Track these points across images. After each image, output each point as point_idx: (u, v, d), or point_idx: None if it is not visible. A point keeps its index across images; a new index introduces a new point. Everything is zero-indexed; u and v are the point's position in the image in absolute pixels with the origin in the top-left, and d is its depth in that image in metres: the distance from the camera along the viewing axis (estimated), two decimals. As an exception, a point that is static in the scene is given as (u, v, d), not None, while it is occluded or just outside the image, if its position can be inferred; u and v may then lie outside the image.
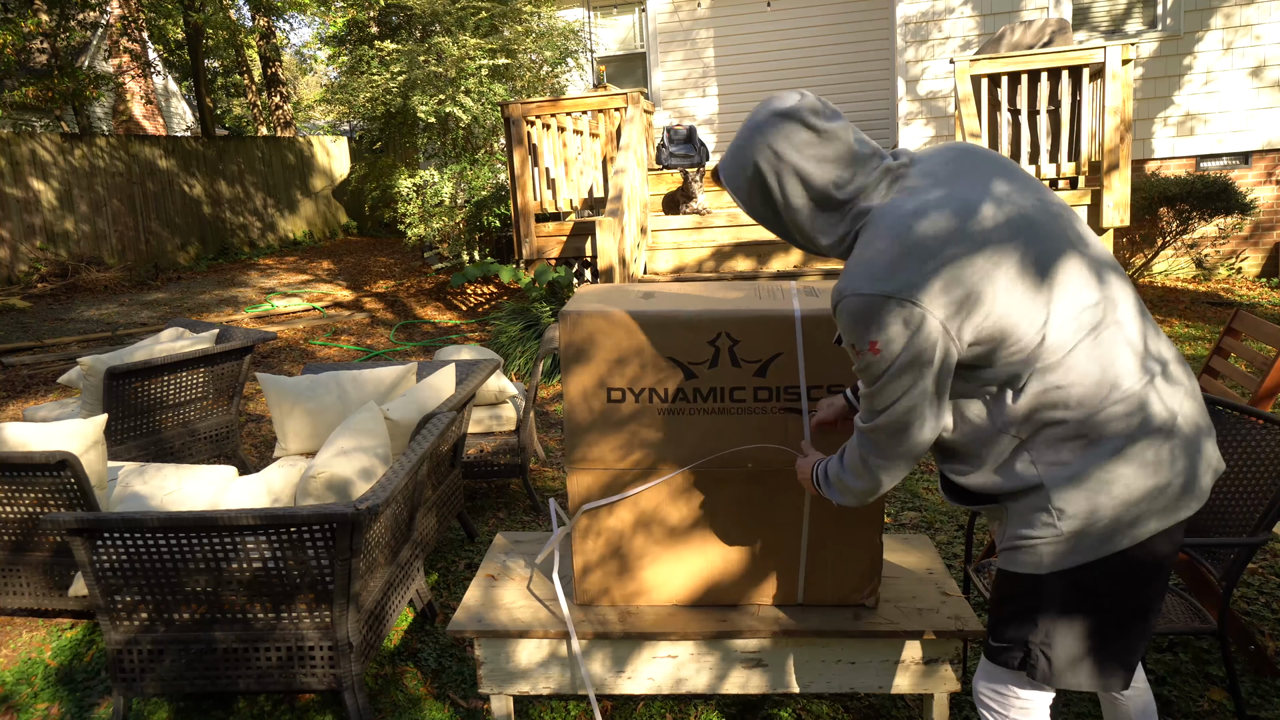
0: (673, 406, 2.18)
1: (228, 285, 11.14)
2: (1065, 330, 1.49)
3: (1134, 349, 1.52)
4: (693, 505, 2.23)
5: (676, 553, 2.27)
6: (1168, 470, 1.51)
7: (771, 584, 2.28)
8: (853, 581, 2.26)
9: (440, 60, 8.74)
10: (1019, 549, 1.60)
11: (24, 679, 2.94)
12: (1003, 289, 1.47)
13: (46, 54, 16.69)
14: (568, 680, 2.29)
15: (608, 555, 2.29)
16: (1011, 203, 1.52)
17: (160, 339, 4.70)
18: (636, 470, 2.22)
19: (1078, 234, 1.56)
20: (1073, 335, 1.49)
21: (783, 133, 1.59)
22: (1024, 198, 1.55)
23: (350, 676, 2.45)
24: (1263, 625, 2.85)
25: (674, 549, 2.27)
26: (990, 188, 1.55)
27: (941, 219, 1.49)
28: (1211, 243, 8.45)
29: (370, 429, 3.06)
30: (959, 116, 6.31)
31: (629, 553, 2.28)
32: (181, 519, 2.31)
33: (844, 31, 9.86)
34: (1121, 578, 1.56)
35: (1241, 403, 2.55)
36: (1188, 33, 8.07)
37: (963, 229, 1.48)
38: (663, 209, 8.14)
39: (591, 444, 2.22)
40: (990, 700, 1.75)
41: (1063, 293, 1.49)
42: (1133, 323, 1.54)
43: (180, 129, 23.06)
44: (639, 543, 2.27)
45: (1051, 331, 1.48)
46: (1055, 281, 1.49)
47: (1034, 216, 1.52)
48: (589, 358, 2.18)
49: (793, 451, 2.13)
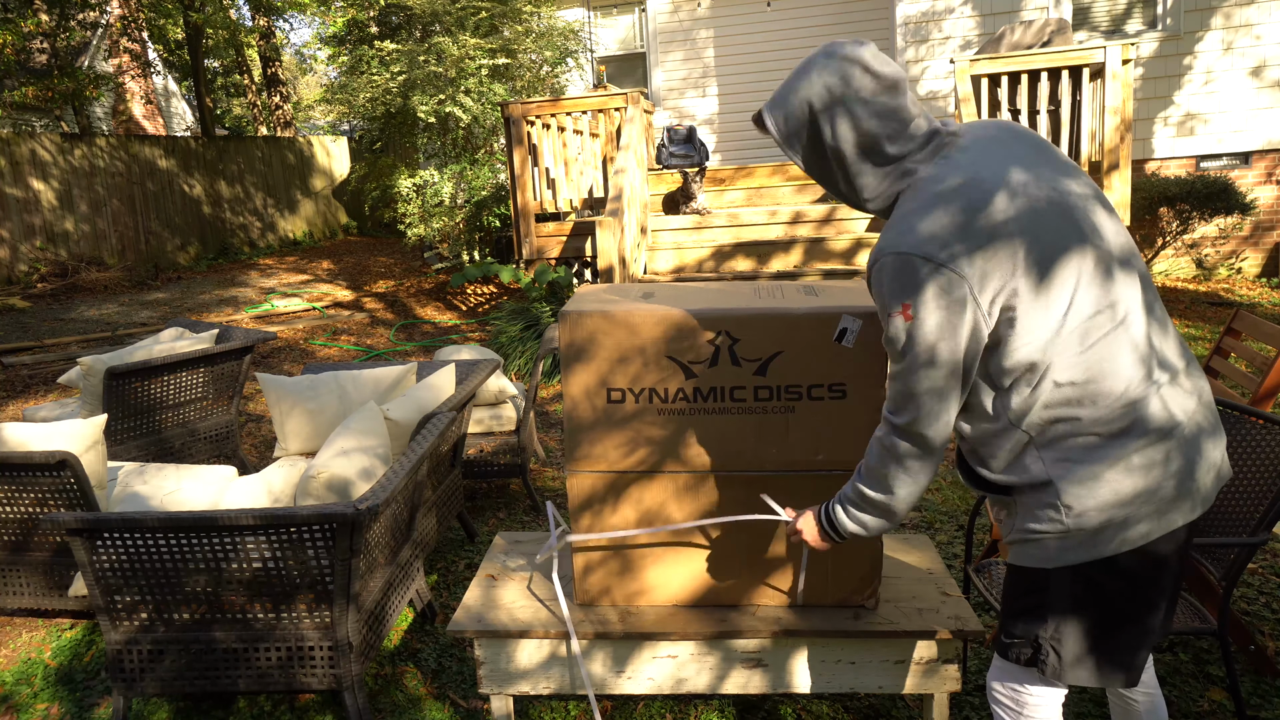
0: (673, 406, 2.19)
1: (228, 285, 11.13)
2: (1068, 330, 1.49)
3: (1137, 351, 1.52)
4: (695, 506, 2.23)
5: (678, 553, 2.27)
6: (1159, 473, 1.51)
7: (772, 585, 2.28)
8: (853, 584, 2.26)
9: (440, 60, 8.74)
10: (1027, 542, 1.61)
11: (24, 679, 2.94)
12: (1022, 281, 1.48)
13: (46, 54, 16.70)
14: (568, 680, 2.29)
15: (609, 555, 2.29)
16: (1027, 194, 1.52)
17: (160, 339, 4.70)
18: (638, 470, 2.23)
19: (1093, 226, 1.55)
20: (1075, 336, 1.49)
21: (843, 74, 1.56)
22: (1040, 189, 1.53)
23: (350, 676, 2.45)
24: (1263, 625, 2.85)
25: (675, 549, 2.27)
26: (1019, 173, 1.53)
27: (983, 195, 1.49)
28: (1211, 243, 8.45)
29: (370, 429, 3.06)
30: (959, 116, 6.31)
31: (630, 553, 2.28)
32: (181, 519, 2.31)
33: (844, 31, 9.86)
34: (1123, 576, 1.56)
35: (1241, 403, 2.55)
36: (1188, 33, 8.07)
37: (1001, 209, 1.49)
38: (663, 209, 8.14)
39: (592, 444, 2.22)
40: (1003, 697, 1.75)
41: (1065, 293, 1.49)
42: (1139, 323, 1.53)
43: (180, 129, 23.06)
44: (641, 542, 2.28)
45: (1054, 331, 1.49)
46: (1059, 281, 1.49)
47: (1044, 210, 1.51)
48: (589, 357, 2.18)
49: (782, 517, 2.06)
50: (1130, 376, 1.50)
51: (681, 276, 6.64)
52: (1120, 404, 1.50)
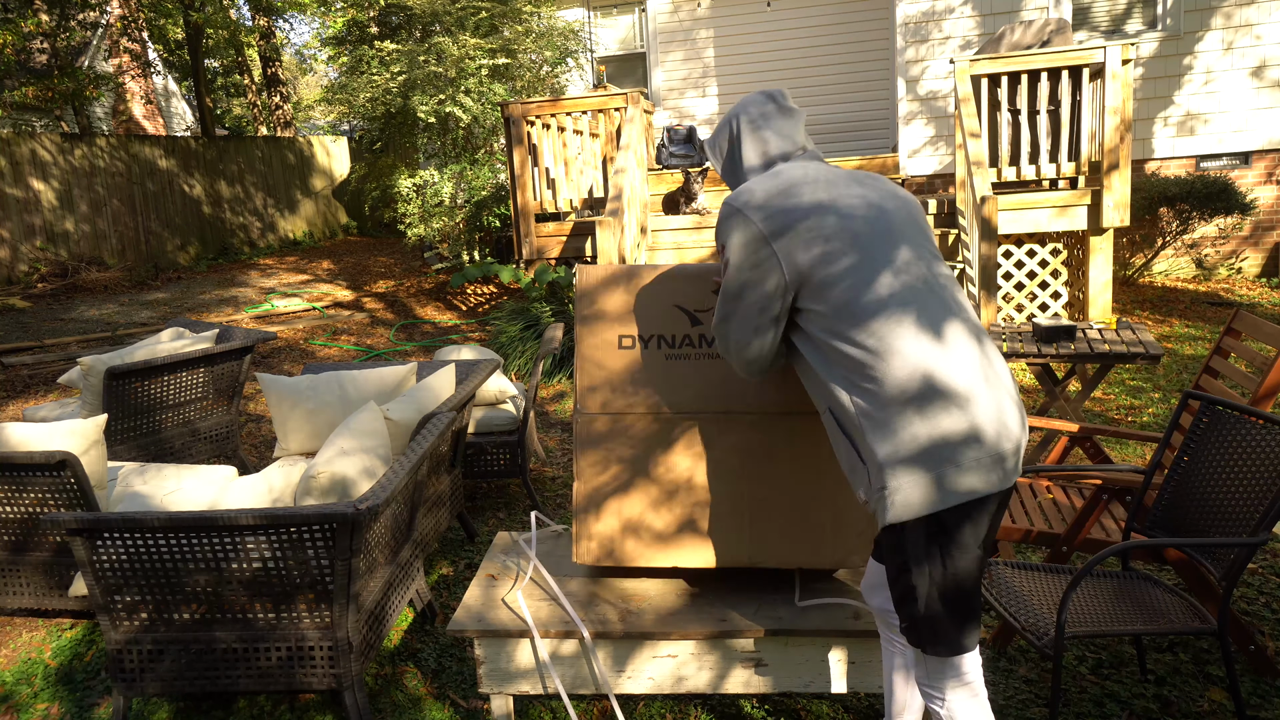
0: (679, 352, 2.30)
1: (228, 285, 11.13)
2: (871, 297, 1.73)
3: (927, 319, 1.73)
4: (695, 451, 2.30)
5: (680, 500, 2.33)
6: (943, 438, 1.67)
7: (772, 542, 2.30)
8: (851, 543, 2.28)
9: (440, 60, 8.74)
10: (872, 503, 1.77)
11: (24, 679, 2.94)
12: (833, 252, 1.77)
13: (46, 54, 16.69)
14: (568, 680, 2.29)
15: (612, 496, 2.32)
16: (855, 195, 1.86)
17: (160, 339, 4.70)
18: (642, 413, 2.30)
19: (916, 228, 1.88)
20: (875, 305, 1.73)
21: (755, 103, 2.03)
22: (859, 190, 1.87)
23: (350, 676, 2.45)
24: (1263, 625, 2.86)
25: (678, 496, 2.33)
26: (847, 182, 1.90)
27: (805, 188, 1.85)
28: (1211, 243, 8.45)
29: (370, 429, 3.06)
30: (959, 116, 6.31)
31: (633, 499, 2.33)
32: (181, 519, 2.31)
33: (844, 31, 9.85)
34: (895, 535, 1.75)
35: (1241, 403, 2.55)
36: (1188, 33, 8.07)
37: (822, 197, 1.83)
38: (663, 209, 8.14)
39: (599, 389, 2.31)
40: (925, 688, 1.85)
41: (872, 266, 1.76)
42: (934, 297, 1.76)
43: (180, 129, 23.06)
44: (641, 488, 2.32)
45: (860, 296, 1.74)
46: (871, 256, 1.77)
47: (855, 208, 1.83)
48: (601, 308, 2.31)
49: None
50: (916, 345, 1.69)
51: (681, 276, 6.65)
52: (906, 370, 1.69)
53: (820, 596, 2.32)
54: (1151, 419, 4.86)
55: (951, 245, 6.59)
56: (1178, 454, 2.49)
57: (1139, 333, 3.89)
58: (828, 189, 1.85)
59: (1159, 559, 2.76)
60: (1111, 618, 2.26)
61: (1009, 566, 2.53)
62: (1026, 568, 2.53)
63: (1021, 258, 6.87)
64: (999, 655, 2.75)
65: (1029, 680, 2.63)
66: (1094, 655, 2.74)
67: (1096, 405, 5.14)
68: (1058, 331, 3.79)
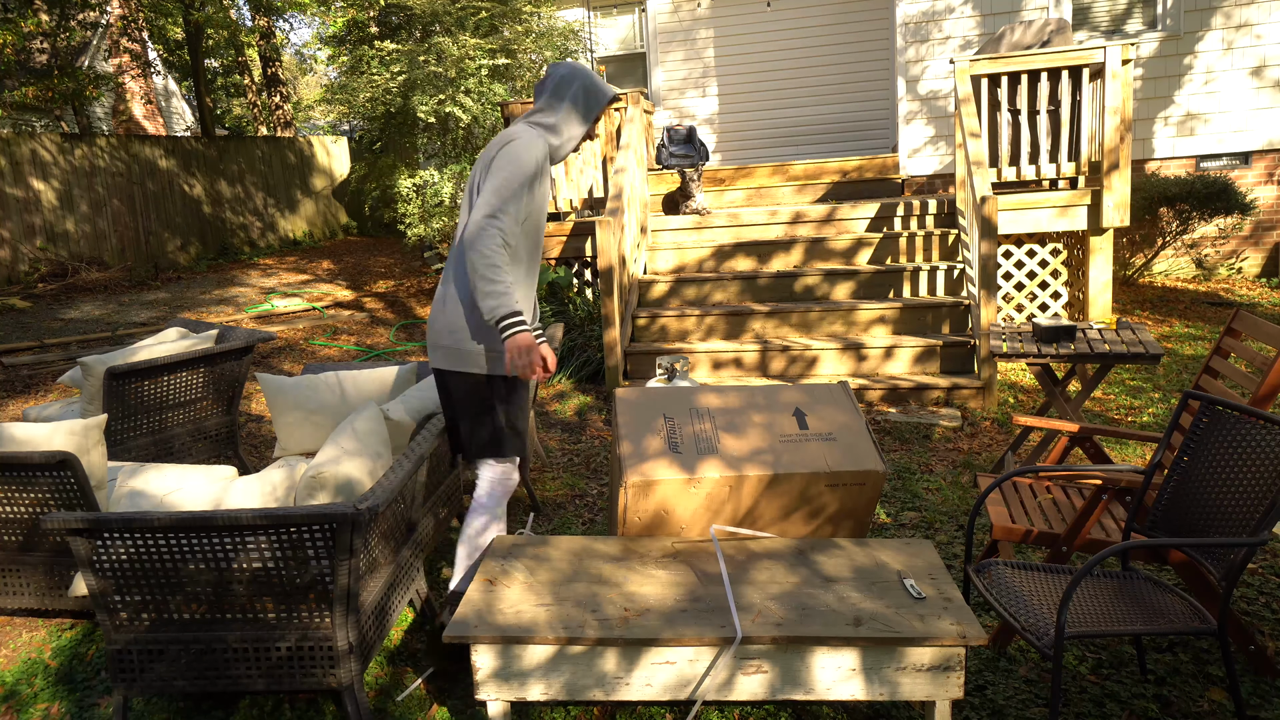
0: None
1: (228, 285, 11.13)
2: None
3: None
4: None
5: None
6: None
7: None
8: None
9: (440, 60, 8.74)
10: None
11: (24, 679, 2.94)
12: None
13: (46, 54, 16.69)
14: (567, 682, 2.29)
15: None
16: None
17: (161, 339, 4.70)
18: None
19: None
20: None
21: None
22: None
23: (350, 676, 2.45)
24: (1263, 625, 2.86)
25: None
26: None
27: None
28: (1212, 243, 8.45)
29: (370, 429, 3.06)
30: (959, 116, 6.31)
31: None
32: (181, 519, 2.31)
33: (844, 31, 9.86)
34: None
35: (1241, 403, 2.55)
36: (1188, 32, 8.07)
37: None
38: (663, 209, 8.14)
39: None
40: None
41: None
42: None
43: (180, 129, 23.05)
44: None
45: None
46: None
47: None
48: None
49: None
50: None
51: (682, 276, 6.64)
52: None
53: (821, 593, 2.31)
54: (1151, 419, 4.86)
55: (951, 245, 6.59)
56: (1178, 454, 2.49)
57: (1139, 333, 3.89)
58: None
59: (1159, 559, 2.76)
60: (1111, 618, 2.26)
61: (1009, 566, 2.53)
62: (1026, 568, 2.53)
63: (1021, 258, 6.87)
64: (999, 655, 2.75)
65: (1029, 680, 2.63)
66: (1094, 655, 2.74)
67: (1096, 405, 5.14)
68: (1058, 331, 3.80)
